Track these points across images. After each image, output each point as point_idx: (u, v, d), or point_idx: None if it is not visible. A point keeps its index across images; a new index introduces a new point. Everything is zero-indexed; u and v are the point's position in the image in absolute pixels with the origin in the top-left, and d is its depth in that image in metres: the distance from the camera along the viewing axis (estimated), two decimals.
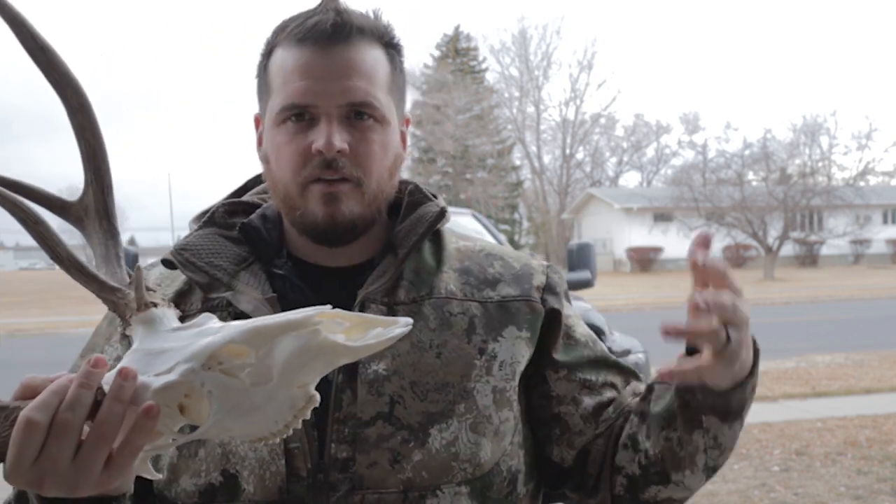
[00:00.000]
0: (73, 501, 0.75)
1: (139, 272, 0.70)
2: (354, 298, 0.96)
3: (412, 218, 1.02)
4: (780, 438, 5.73)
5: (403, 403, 0.92)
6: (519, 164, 44.07)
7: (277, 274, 0.99)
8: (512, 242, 29.93)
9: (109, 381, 0.65)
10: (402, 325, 0.67)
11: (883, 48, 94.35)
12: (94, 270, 0.71)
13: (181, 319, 0.73)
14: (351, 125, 0.94)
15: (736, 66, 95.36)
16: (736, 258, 35.27)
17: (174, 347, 0.67)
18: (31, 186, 0.74)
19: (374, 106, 0.94)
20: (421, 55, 43.65)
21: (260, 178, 1.12)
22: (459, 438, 0.92)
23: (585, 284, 4.72)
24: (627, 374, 1.08)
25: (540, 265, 1.08)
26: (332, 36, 0.92)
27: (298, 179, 0.94)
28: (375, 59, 0.95)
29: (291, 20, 0.96)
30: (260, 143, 1.01)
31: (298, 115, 0.93)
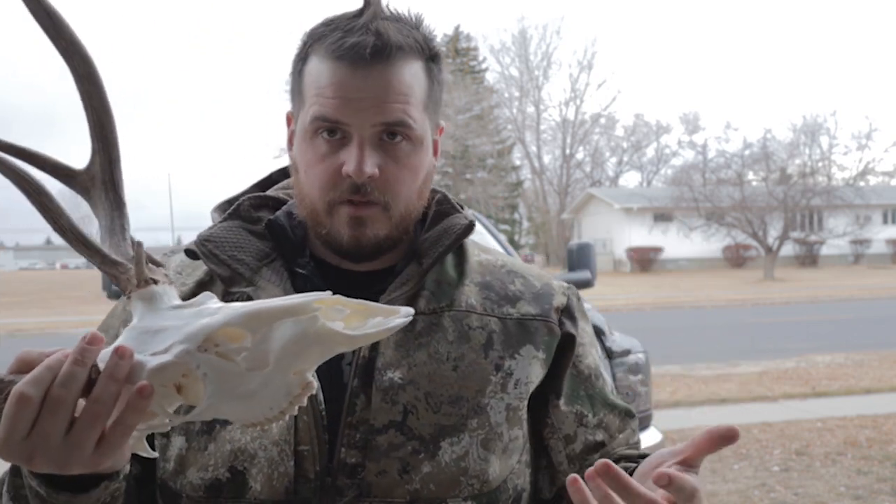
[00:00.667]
0: (66, 478, 0.74)
1: (140, 247, 0.69)
2: None
3: (438, 228, 1.01)
4: (780, 438, 5.73)
5: (417, 414, 0.91)
6: (519, 164, 44.19)
7: (299, 273, 0.98)
8: (512, 242, 29.89)
9: (106, 358, 0.64)
10: (402, 314, 0.66)
11: (883, 48, 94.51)
12: (96, 242, 0.70)
13: None
14: (383, 147, 0.91)
15: (736, 66, 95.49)
16: (736, 258, 35.32)
17: (172, 326, 0.66)
18: (35, 152, 0.71)
19: (408, 125, 0.91)
20: None
21: (286, 170, 1.10)
22: (470, 453, 0.92)
23: (585, 284, 4.71)
24: (624, 415, 1.07)
25: (560, 286, 1.07)
26: (370, 58, 0.89)
27: (326, 198, 0.92)
28: (413, 75, 0.92)
29: (329, 28, 0.92)
30: (290, 142, 0.99)
31: (331, 130, 0.91)
